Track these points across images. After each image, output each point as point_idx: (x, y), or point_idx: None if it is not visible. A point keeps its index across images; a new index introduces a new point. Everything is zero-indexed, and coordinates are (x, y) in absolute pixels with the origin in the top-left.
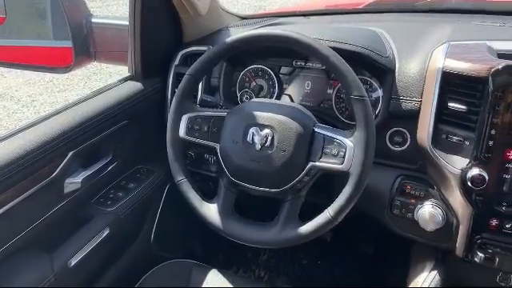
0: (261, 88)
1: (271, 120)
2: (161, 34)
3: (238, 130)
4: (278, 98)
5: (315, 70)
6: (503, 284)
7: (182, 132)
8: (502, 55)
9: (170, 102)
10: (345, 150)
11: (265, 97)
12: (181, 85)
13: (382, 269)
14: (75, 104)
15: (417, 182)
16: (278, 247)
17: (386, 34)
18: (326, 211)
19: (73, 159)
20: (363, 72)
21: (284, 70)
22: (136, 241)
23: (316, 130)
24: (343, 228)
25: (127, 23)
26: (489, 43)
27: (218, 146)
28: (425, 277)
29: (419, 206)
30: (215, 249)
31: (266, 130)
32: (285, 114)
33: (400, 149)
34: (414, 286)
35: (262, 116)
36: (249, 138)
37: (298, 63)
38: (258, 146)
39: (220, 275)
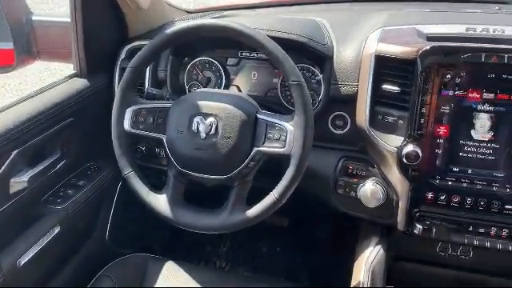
0: (209, 80)
1: (215, 108)
2: (104, 30)
3: (183, 119)
4: (226, 89)
5: (260, 60)
6: (442, 253)
7: (126, 125)
8: (431, 38)
9: None
10: (286, 134)
11: (213, 88)
12: (123, 78)
13: (336, 249)
14: (18, 103)
15: (358, 162)
16: (228, 231)
17: (326, 22)
18: (271, 194)
19: (17, 158)
20: (305, 60)
21: (230, 61)
22: (91, 237)
23: (259, 116)
24: (298, 214)
25: (69, 20)
26: (418, 27)
27: (164, 137)
28: (370, 252)
29: (361, 184)
30: (174, 243)
31: (211, 119)
32: (228, 102)
33: (341, 132)
34: (361, 261)
35: (205, 105)
36: (194, 127)
37: (244, 54)
38: (203, 135)
39: (176, 266)
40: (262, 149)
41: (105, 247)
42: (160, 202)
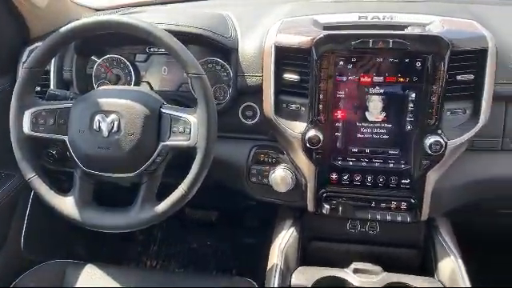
0: (118, 77)
1: (116, 105)
2: (1, 31)
3: (84, 119)
4: (137, 85)
5: (170, 55)
6: (352, 230)
7: (26, 128)
8: (327, 27)
9: None
10: (190, 127)
11: (123, 86)
12: (19, 79)
13: (262, 236)
14: None
15: (269, 150)
16: (138, 228)
17: (232, 15)
18: (179, 187)
19: None
20: (214, 54)
21: (139, 57)
22: (3, 248)
23: (163, 110)
24: (225, 206)
25: None
26: (316, 17)
27: (66, 138)
28: (284, 235)
29: (272, 171)
30: (102, 247)
31: (112, 116)
32: (130, 99)
33: (252, 122)
34: (275, 245)
35: (106, 102)
36: (95, 126)
37: (152, 49)
38: (106, 133)
39: (96, 269)
40: (167, 143)
41: (20, 257)
42: (66, 204)
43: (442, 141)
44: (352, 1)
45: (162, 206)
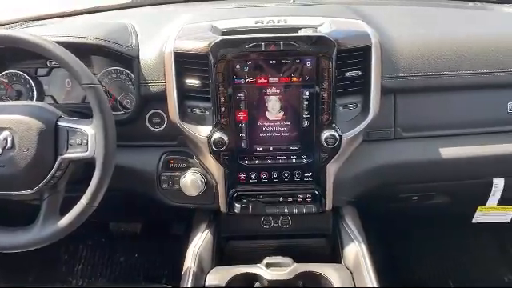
0: (19, 93)
1: (8, 122)
2: None
3: None
4: (41, 100)
5: None
6: (266, 226)
7: None
8: (224, 32)
9: None
10: (87, 138)
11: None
12: None
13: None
14: None
15: (179, 155)
16: (42, 245)
17: (135, 25)
18: (81, 200)
19: None
20: (117, 63)
21: (41, 71)
22: None
23: (59, 123)
24: (148, 217)
25: None
26: (215, 23)
27: None
28: (199, 237)
29: (182, 176)
30: (23, 270)
31: (5, 133)
32: (23, 114)
33: (160, 129)
34: (190, 248)
35: None
36: None
37: (53, 63)
38: None
39: None
40: (65, 156)
41: None
42: None
43: (336, 134)
44: (251, 7)
45: (65, 221)
